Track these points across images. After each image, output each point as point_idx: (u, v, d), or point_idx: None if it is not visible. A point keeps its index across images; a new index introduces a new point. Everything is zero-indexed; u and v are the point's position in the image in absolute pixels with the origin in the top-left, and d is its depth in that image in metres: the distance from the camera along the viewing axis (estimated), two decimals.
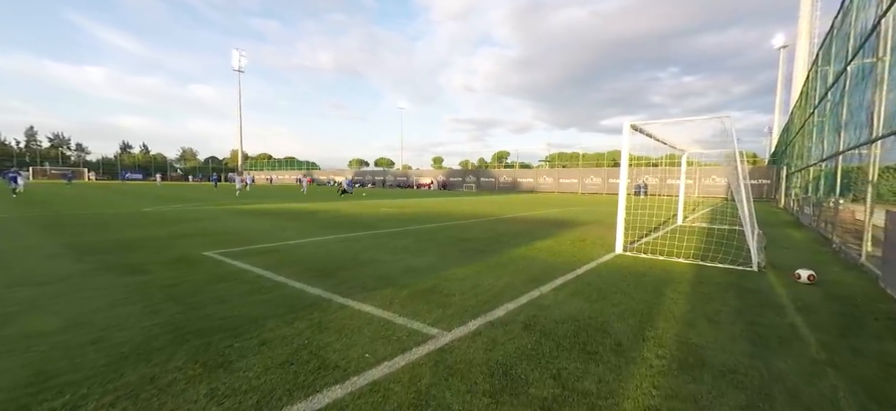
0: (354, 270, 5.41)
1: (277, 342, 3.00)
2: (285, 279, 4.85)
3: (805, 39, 38.18)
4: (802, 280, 5.18)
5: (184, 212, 13.36)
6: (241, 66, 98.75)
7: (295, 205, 18.18)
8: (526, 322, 3.58)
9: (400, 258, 6.29)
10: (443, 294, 4.39)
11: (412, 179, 64.52)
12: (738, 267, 5.97)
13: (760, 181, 35.97)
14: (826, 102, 10.92)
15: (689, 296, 4.50)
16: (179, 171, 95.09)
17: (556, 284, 4.90)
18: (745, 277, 5.42)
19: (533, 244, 7.88)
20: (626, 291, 4.63)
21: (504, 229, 10.30)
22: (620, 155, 7.19)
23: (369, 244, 7.59)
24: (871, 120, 6.20)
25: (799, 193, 16.60)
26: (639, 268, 5.84)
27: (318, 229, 9.66)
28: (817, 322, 3.72)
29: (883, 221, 6.88)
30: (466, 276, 5.19)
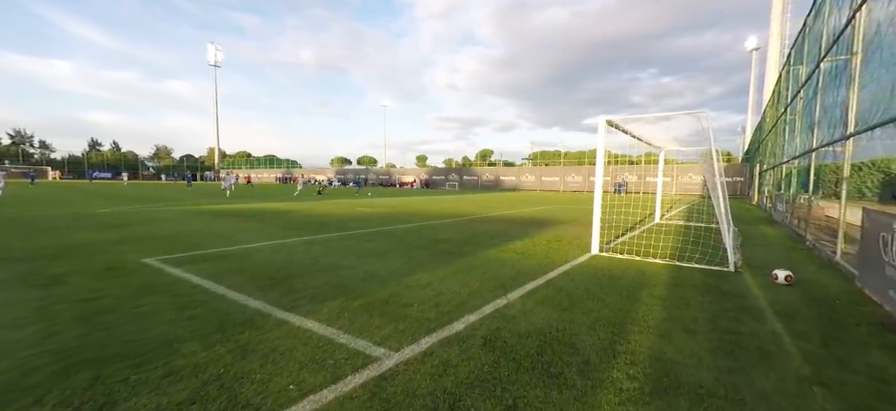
0: (309, 278, 4.93)
1: (186, 372, 2.52)
2: (226, 290, 4.34)
3: (776, 41, 39.26)
4: (780, 280, 4.98)
5: (142, 213, 12.52)
6: (217, 60, 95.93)
7: (267, 204, 17.42)
8: (487, 337, 3.19)
9: (363, 262, 5.84)
10: (400, 304, 3.97)
11: (394, 178, 63.76)
12: (715, 267, 5.76)
13: (734, 178, 36.85)
14: (798, 100, 10.97)
15: (665, 301, 4.21)
16: (152, 170, 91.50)
17: (526, 290, 4.54)
18: (722, 278, 5.19)
19: (507, 245, 7.54)
20: (599, 297, 4.31)
21: (480, 229, 9.94)
22: (595, 153, 6.91)
23: (334, 247, 7.10)
24: (846, 116, 6.08)
25: (772, 190, 16.86)
26: (614, 271, 5.55)
27: (283, 231, 9.09)
28: (799, 329, 3.47)
29: (853, 218, 6.83)
30: (431, 283, 4.78)
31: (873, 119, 4.77)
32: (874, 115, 4.80)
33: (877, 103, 4.77)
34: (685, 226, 11.08)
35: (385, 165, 75.86)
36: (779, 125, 15.47)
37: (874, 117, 4.76)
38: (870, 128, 4.78)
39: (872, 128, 4.69)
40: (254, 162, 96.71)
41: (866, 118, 5.25)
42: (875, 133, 4.70)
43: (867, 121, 5.21)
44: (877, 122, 4.59)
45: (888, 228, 3.98)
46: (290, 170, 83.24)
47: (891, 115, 4.27)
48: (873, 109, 4.91)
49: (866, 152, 5.97)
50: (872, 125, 4.69)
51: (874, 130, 4.76)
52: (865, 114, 5.31)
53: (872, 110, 4.94)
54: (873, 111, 4.89)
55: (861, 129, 5.17)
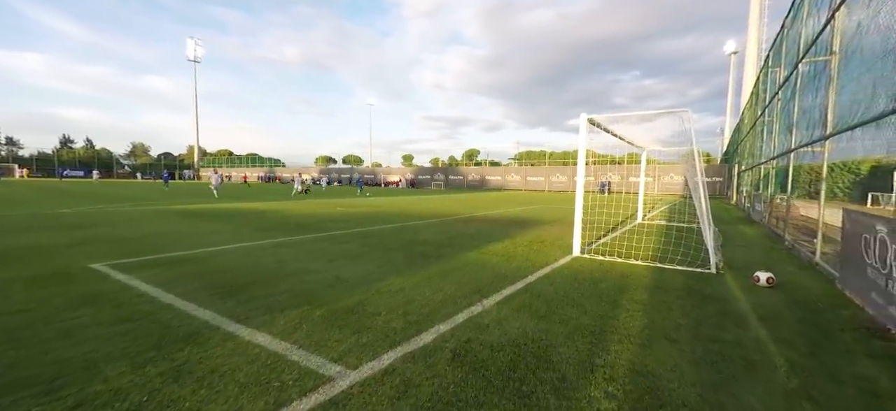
0: (271, 284, 4.59)
1: (101, 402, 2.18)
2: (175, 299, 3.97)
3: (754, 45, 40.25)
4: (762, 283, 4.87)
5: (108, 214, 11.86)
6: (197, 56, 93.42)
7: (248, 204, 16.81)
8: (456, 350, 2.93)
9: (334, 266, 5.51)
10: (366, 313, 3.68)
11: (380, 177, 63.10)
12: (697, 268, 5.64)
13: (713, 179, 37.59)
14: (776, 101, 11.07)
15: (647, 306, 4.03)
16: (127, 168, 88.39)
17: (503, 296, 4.31)
18: (704, 281, 5.06)
19: (487, 247, 7.31)
20: (578, 303, 4.10)
21: (461, 230, 9.70)
22: (587, 152, 6.73)
23: (306, 249, 6.74)
24: (825, 116, 6.04)
25: (750, 190, 17.11)
26: (595, 274, 5.37)
27: (255, 233, 8.66)
28: (783, 336, 3.32)
29: (829, 219, 6.82)
30: (403, 288, 4.50)
31: (853, 119, 4.69)
32: (854, 115, 4.73)
33: (856, 103, 4.70)
34: (667, 226, 11.06)
35: (371, 164, 74.99)
36: (757, 126, 15.70)
37: (855, 117, 4.69)
38: (850, 128, 4.71)
39: (852, 128, 4.62)
40: (235, 160, 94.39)
41: (846, 119, 5.19)
42: (856, 134, 4.63)
43: (846, 121, 5.15)
44: (857, 122, 4.51)
45: (870, 230, 3.88)
46: (273, 169, 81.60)
47: (871, 115, 4.19)
48: (853, 109, 4.84)
49: (841, 153, 5.94)
50: (852, 125, 4.62)
51: (854, 131, 4.68)
52: (845, 115, 5.25)
53: (852, 110, 4.87)
54: (853, 111, 4.82)
55: (840, 129, 5.11)
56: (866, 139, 4.31)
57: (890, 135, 3.83)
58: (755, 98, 17.55)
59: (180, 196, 22.60)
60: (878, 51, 4.04)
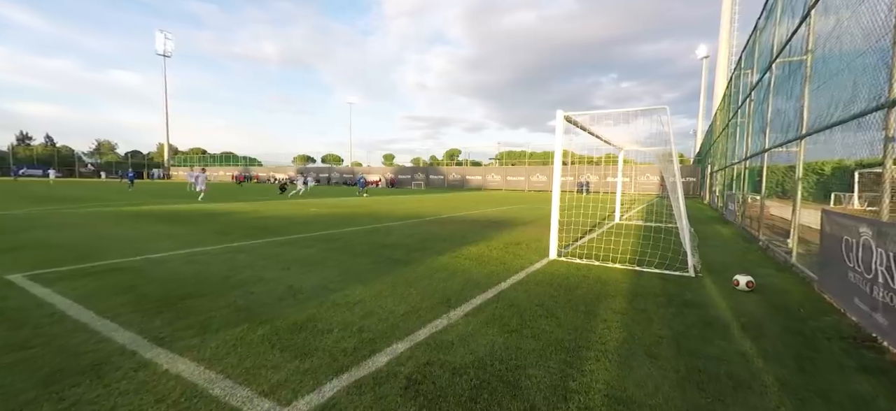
0: (213, 297, 4.08)
1: None
2: (93, 317, 3.43)
3: (725, 49, 41.51)
4: (741, 287, 4.69)
5: (54, 216, 10.89)
6: (166, 50, 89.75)
7: (218, 205, 15.91)
8: (412, 376, 2.54)
9: (290, 275, 5.03)
10: (316, 331, 3.24)
11: (359, 177, 62.02)
12: (675, 272, 5.44)
13: (687, 179, 38.54)
14: (749, 102, 11.17)
15: (626, 316, 3.74)
16: (91, 167, 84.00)
17: (473, 306, 3.94)
18: (683, 285, 4.84)
19: (461, 250, 6.95)
20: (553, 313, 3.78)
21: (436, 232, 9.31)
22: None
23: (264, 255, 6.21)
24: (800, 116, 5.96)
25: (723, 190, 17.41)
26: (572, 279, 5.08)
27: (212, 236, 8.03)
28: (769, 349, 3.08)
29: (807, 220, 6.78)
30: (363, 299, 4.08)
31: (831, 118, 4.56)
32: (832, 115, 4.60)
33: (835, 101, 4.57)
34: (644, 226, 10.99)
35: (351, 163, 73.59)
36: (729, 128, 15.96)
37: (832, 116, 4.56)
38: (828, 127, 4.58)
39: (831, 127, 4.48)
40: (209, 159, 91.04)
41: (822, 119, 5.08)
42: (835, 133, 4.50)
43: (822, 121, 5.04)
44: (836, 121, 4.37)
45: (852, 233, 3.71)
46: (248, 169, 79.11)
47: (850, 114, 4.04)
48: (831, 109, 4.72)
49: (816, 154, 5.87)
50: (831, 123, 4.48)
51: (833, 130, 4.55)
52: (822, 114, 5.14)
53: (830, 110, 4.75)
54: (831, 111, 4.69)
55: (817, 129, 4.99)
56: (847, 138, 4.17)
57: (871, 135, 3.67)
58: (727, 100, 17.89)
59: (143, 197, 21.36)
60: (859, 47, 3.89)
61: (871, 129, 3.70)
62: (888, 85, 3.25)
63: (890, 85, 3.23)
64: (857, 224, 3.61)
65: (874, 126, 3.64)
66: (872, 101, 3.49)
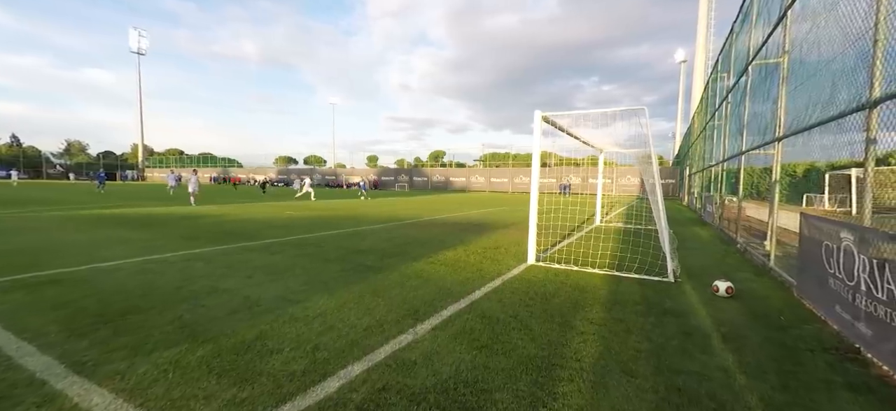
0: (158, 311, 3.70)
1: None
2: (11, 338, 3.03)
3: (701, 53, 42.51)
4: (721, 293, 4.56)
5: (9, 220, 10.14)
6: (141, 47, 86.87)
7: (191, 208, 15.21)
8: (363, 405, 2.26)
9: (249, 284, 4.67)
10: (264, 351, 2.92)
11: (341, 178, 61.16)
12: (655, 277, 5.29)
13: (667, 180, 39.24)
14: (726, 105, 11.27)
15: (603, 327, 3.54)
16: (59, 168, 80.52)
17: (442, 318, 3.68)
18: (662, 292, 4.68)
19: (437, 255, 6.68)
20: (527, 325, 3.54)
21: (414, 235, 9.02)
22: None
23: (225, 263, 5.81)
24: (776, 118, 5.92)
25: (701, 192, 17.65)
26: (549, 286, 4.87)
27: (175, 242, 7.54)
28: (751, 363, 2.91)
29: (779, 221, 6.77)
30: (324, 312, 3.77)
31: (810, 119, 4.48)
32: (810, 116, 4.52)
33: (813, 103, 4.50)
34: (624, 228, 10.94)
35: (334, 165, 72.38)
36: (706, 130, 16.19)
37: (810, 117, 4.48)
38: (807, 129, 4.50)
39: (810, 128, 4.40)
40: (186, 160, 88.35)
41: (800, 121, 5.02)
42: (813, 136, 4.42)
43: (800, 123, 4.98)
44: (815, 122, 4.29)
45: (833, 237, 3.60)
46: (227, 170, 77.07)
47: (830, 114, 3.95)
48: (809, 110, 4.64)
49: (792, 156, 5.84)
50: (810, 125, 4.40)
51: (811, 133, 4.47)
52: (800, 116, 5.08)
53: (808, 111, 4.68)
54: (809, 112, 4.62)
55: (795, 130, 4.93)
56: (825, 140, 4.08)
57: (851, 137, 3.57)
58: (704, 103, 18.17)
59: (113, 199, 20.38)
60: (837, 47, 3.79)
61: (850, 131, 3.60)
62: (869, 85, 3.14)
63: (871, 85, 3.12)
64: (839, 229, 3.49)
65: (854, 128, 3.54)
66: (852, 102, 3.38)
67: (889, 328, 2.73)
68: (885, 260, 2.77)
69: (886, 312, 2.76)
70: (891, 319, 2.72)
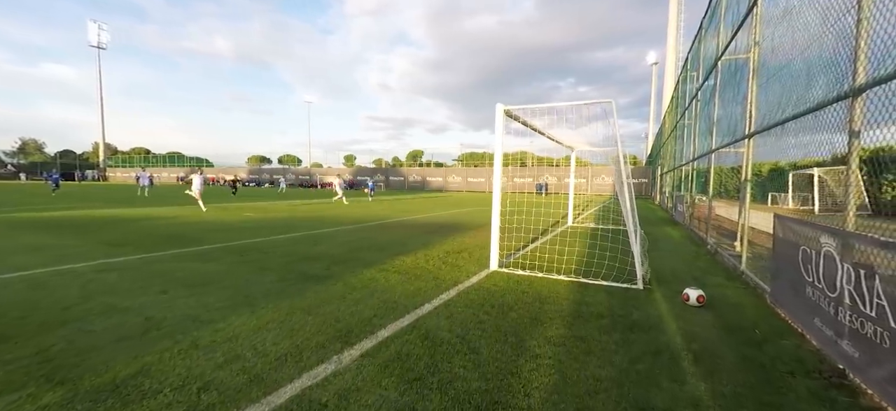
0: (25, 339, 3.00)
1: None
2: None
3: (672, 55, 43.48)
4: (692, 302, 4.19)
5: None
6: (101, 41, 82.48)
7: (142, 210, 14.03)
8: None
9: (160, 301, 3.98)
10: (136, 394, 2.29)
11: (316, 178, 59.56)
12: (623, 284, 4.91)
13: (639, 180, 39.92)
14: (695, 103, 11.17)
15: (561, 348, 3.07)
16: (11, 168, 75.36)
17: (378, 340, 3.13)
18: (630, 302, 4.28)
19: (392, 261, 6.11)
20: (474, 348, 3.04)
21: (375, 238, 8.41)
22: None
23: (145, 273, 5.07)
24: (748, 114, 5.66)
25: (672, 192, 17.74)
26: (508, 296, 4.39)
27: (96, 249, 6.69)
28: (726, 392, 2.49)
29: (756, 223, 6.55)
30: (236, 336, 3.15)
31: (784, 113, 4.18)
32: (784, 109, 4.22)
33: (786, 95, 4.19)
34: (595, 229, 10.66)
35: (310, 165, 70.39)
36: (677, 130, 16.24)
37: (785, 111, 4.17)
38: (782, 122, 4.19)
39: (784, 122, 4.09)
40: (152, 160, 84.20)
41: (772, 115, 4.73)
42: (787, 133, 4.10)
43: (772, 118, 4.69)
44: (790, 116, 3.97)
45: (811, 242, 3.26)
46: (196, 168, 73.79)
47: (806, 107, 3.62)
48: (781, 104, 4.34)
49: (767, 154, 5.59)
50: (784, 118, 4.09)
51: (786, 130, 4.16)
52: (772, 111, 4.79)
53: (781, 105, 4.38)
54: (782, 105, 4.31)
55: (768, 125, 4.63)
56: (802, 138, 3.75)
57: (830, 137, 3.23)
58: (675, 102, 18.30)
59: (65, 201, 18.78)
60: (813, 31, 3.46)
61: (827, 131, 3.26)
62: (852, 71, 2.79)
63: (854, 70, 2.77)
64: (818, 232, 3.14)
65: (831, 126, 3.19)
66: (831, 91, 3.04)
67: (879, 350, 2.36)
68: (875, 270, 2.41)
69: (876, 331, 2.40)
70: (881, 340, 2.35)
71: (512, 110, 5.57)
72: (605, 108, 5.17)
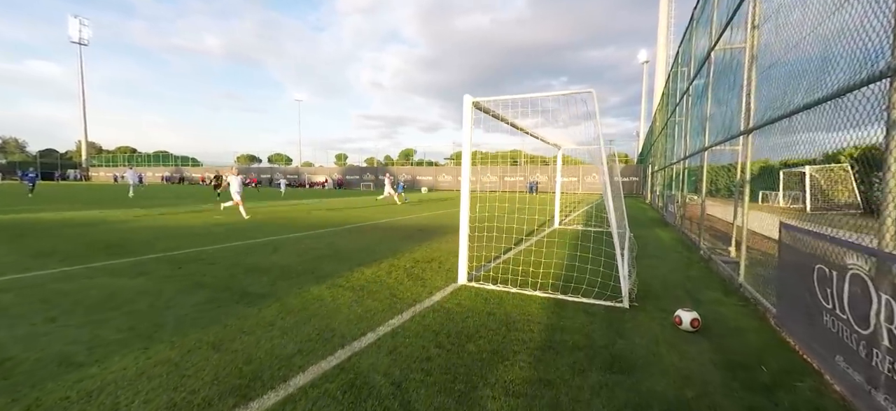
0: None
1: None
2: None
3: (663, 53, 43.18)
4: (685, 326, 3.56)
5: None
6: (82, 37, 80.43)
7: (97, 212, 13.10)
8: None
9: (36, 332, 3.24)
10: None
11: (304, 177, 58.49)
12: (606, 301, 4.26)
13: (630, 178, 39.63)
14: (687, 98, 10.61)
15: (520, 400, 2.40)
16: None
17: (284, 394, 2.43)
18: (614, 326, 3.64)
19: (349, 274, 5.40)
20: (407, 403, 2.35)
21: (339, 246, 7.69)
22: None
23: (49, 292, 4.31)
24: (747, 107, 5.05)
25: (663, 190, 17.24)
26: (471, 321, 3.72)
27: (13, 261, 5.89)
28: None
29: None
30: (106, 386, 2.44)
31: (793, 102, 3.55)
32: (791, 100, 3.60)
33: (795, 83, 3.57)
34: (583, 231, 10.06)
35: (300, 164, 69.03)
36: (668, 127, 15.72)
37: (793, 101, 3.55)
38: (789, 114, 3.57)
39: (796, 113, 3.46)
40: (138, 159, 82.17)
41: (776, 107, 4.12)
42: (796, 128, 3.48)
43: (777, 110, 4.07)
44: (800, 106, 3.34)
45: (831, 260, 2.63)
46: (180, 168, 72.18)
47: (822, 95, 2.99)
48: (788, 94, 3.72)
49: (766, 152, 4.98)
50: (793, 110, 3.46)
51: (794, 124, 3.54)
52: (776, 102, 4.18)
53: (786, 95, 3.76)
54: (788, 96, 3.69)
55: (772, 118, 4.00)
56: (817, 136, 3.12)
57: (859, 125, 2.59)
58: (665, 99, 17.79)
59: (36, 202, 17.70)
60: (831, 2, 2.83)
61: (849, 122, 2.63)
62: (890, 43, 2.16)
63: (893, 43, 2.13)
64: (842, 249, 2.51)
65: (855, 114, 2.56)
66: (861, 72, 2.40)
67: None
68: None
69: None
70: None
71: (482, 102, 4.90)
72: (585, 98, 4.51)
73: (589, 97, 4.36)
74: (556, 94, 4.60)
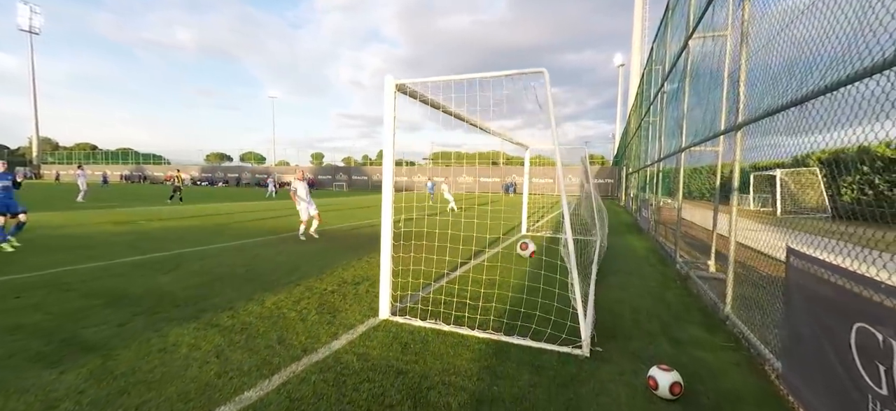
0: None
1: None
2: None
3: (637, 55, 43.41)
4: (662, 391, 2.57)
5: None
6: (32, 25, 75.10)
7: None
8: None
9: None
10: None
11: (272, 177, 55.99)
12: (562, 347, 3.24)
13: (606, 180, 39.52)
14: (662, 95, 9.85)
15: None
16: None
17: None
18: (567, 389, 2.61)
19: (244, 306, 4.20)
20: None
21: (256, 261, 6.43)
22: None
23: None
24: (737, 101, 4.16)
25: (638, 193, 16.65)
26: (376, 383, 2.62)
27: None
28: None
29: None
30: None
31: (801, 89, 2.62)
32: (801, 86, 2.67)
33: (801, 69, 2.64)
34: (551, 237, 9.13)
35: (275, 163, 66.11)
36: (642, 128, 15.11)
37: (803, 87, 2.62)
38: (798, 102, 2.64)
39: (806, 101, 2.53)
40: (98, 156, 77.20)
41: (782, 94, 3.21)
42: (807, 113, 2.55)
43: (777, 100, 3.17)
44: (809, 94, 2.41)
45: (875, 317, 1.66)
46: (142, 167, 68.22)
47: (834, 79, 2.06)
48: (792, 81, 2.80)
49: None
50: (808, 94, 2.53)
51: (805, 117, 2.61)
52: (762, 96, 3.28)
53: (789, 82, 2.84)
54: (796, 82, 2.77)
55: (774, 109, 3.08)
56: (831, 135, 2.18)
57: None
58: (639, 99, 17.24)
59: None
60: None
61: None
62: None
63: None
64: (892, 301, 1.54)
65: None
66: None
67: None
68: None
69: None
70: None
71: (407, 85, 3.81)
72: (536, 80, 3.48)
73: (540, 79, 3.33)
74: (502, 73, 3.56)
